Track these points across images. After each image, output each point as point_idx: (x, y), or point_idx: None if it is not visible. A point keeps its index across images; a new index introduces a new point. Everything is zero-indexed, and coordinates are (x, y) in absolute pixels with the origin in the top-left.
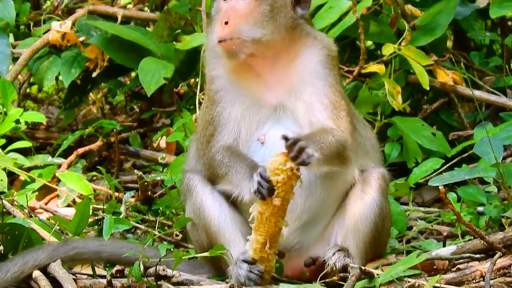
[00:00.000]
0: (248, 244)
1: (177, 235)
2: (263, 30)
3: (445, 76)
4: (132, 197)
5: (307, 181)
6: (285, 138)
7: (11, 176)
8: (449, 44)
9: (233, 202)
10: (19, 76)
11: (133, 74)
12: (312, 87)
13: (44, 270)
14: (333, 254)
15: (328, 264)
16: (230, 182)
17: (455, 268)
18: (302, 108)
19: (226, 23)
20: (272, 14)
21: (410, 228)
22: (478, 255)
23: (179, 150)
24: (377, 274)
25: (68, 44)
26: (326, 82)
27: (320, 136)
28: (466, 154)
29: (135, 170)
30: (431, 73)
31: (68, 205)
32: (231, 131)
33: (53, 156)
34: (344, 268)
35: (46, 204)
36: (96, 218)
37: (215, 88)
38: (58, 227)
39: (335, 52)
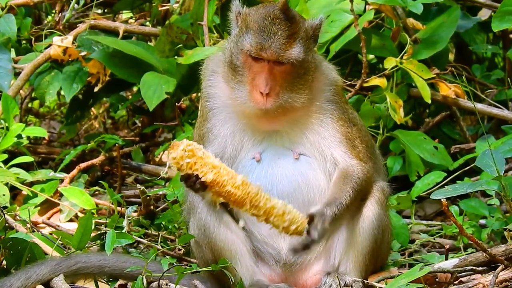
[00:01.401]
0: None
1: (179, 249)
2: (301, 97)
3: (447, 89)
4: (135, 211)
5: (306, 197)
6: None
7: (14, 191)
8: (451, 57)
9: (237, 218)
10: (21, 91)
11: (135, 88)
12: (319, 121)
13: (47, 284)
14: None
15: None
16: None
17: (457, 281)
18: (311, 138)
19: (268, 94)
20: (306, 75)
21: (412, 241)
22: (480, 268)
23: None
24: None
25: (70, 59)
26: (334, 117)
27: (338, 195)
28: (468, 167)
29: (138, 185)
30: (433, 86)
31: (71, 220)
32: (217, 148)
33: (55, 171)
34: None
35: (48, 218)
36: (99, 232)
37: (209, 106)
38: (60, 242)
39: (340, 84)
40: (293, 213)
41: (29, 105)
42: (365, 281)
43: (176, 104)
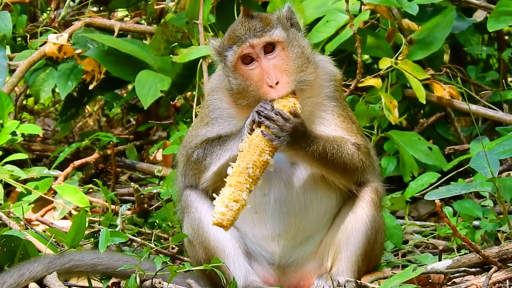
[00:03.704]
0: (229, 169)
1: (173, 248)
2: (307, 71)
3: (442, 90)
4: (128, 209)
5: (302, 202)
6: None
7: (7, 188)
8: (446, 58)
9: None
10: (16, 88)
11: (129, 86)
12: (321, 118)
13: (40, 282)
14: None
15: None
16: (218, 159)
17: (450, 282)
18: None
19: (277, 83)
20: (303, 54)
21: (406, 242)
22: (473, 269)
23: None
24: None
25: (65, 57)
26: (335, 114)
27: (326, 141)
28: (462, 168)
29: (132, 183)
30: (427, 87)
31: (64, 218)
32: None
33: (49, 168)
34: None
35: (42, 216)
36: (92, 230)
37: (214, 116)
38: (54, 239)
39: (339, 78)
40: None
41: (24, 102)
42: (358, 281)
43: (171, 102)
